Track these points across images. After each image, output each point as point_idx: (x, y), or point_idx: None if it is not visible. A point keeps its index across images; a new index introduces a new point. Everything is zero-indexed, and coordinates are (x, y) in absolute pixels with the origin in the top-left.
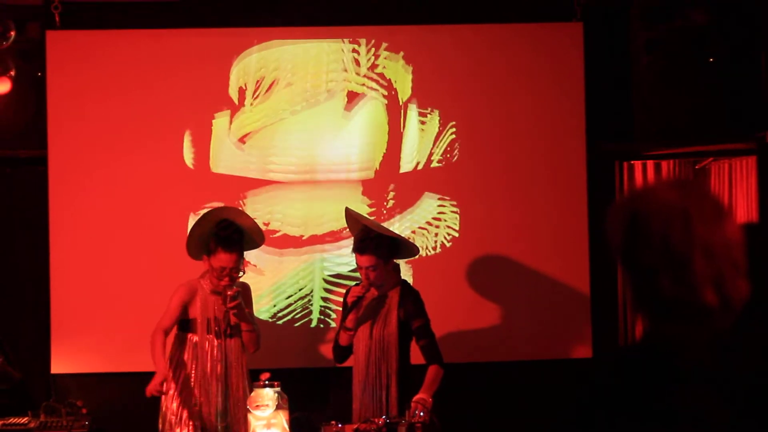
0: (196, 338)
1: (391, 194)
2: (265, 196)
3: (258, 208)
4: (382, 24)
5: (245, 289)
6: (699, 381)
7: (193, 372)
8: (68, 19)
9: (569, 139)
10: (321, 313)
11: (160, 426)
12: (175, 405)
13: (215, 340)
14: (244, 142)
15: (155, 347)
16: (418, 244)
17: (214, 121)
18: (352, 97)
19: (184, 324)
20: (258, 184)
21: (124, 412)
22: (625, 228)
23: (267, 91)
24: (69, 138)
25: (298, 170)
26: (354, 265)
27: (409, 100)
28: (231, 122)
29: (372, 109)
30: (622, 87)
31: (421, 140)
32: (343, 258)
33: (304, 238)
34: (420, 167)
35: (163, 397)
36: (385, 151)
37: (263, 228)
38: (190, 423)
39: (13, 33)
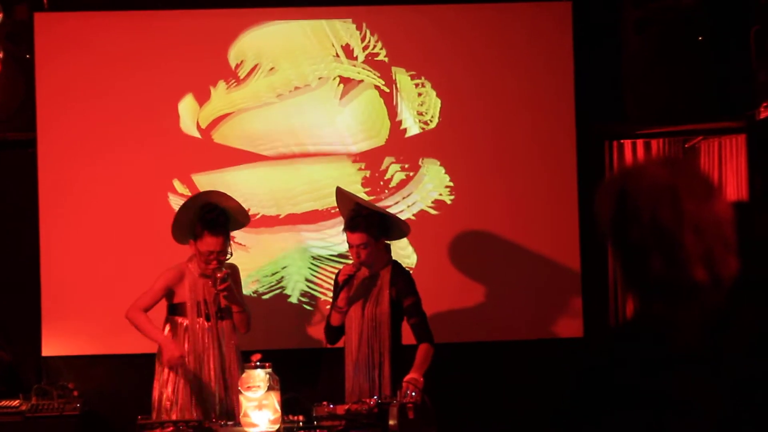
0: (186, 322)
1: (386, 171)
2: (250, 173)
3: (243, 186)
4: (370, 4)
5: (234, 271)
6: (689, 360)
7: (186, 356)
8: (56, 0)
9: (559, 118)
10: (304, 294)
11: (155, 415)
12: (170, 389)
13: (206, 323)
14: (229, 124)
15: (141, 323)
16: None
17: (195, 101)
18: (344, 82)
19: (174, 308)
20: (249, 158)
21: (115, 394)
22: (615, 206)
23: (257, 73)
24: (58, 120)
25: (283, 149)
26: (337, 243)
27: (396, 83)
28: (217, 102)
29: (361, 94)
30: (611, 66)
31: (409, 113)
32: (327, 241)
33: (280, 217)
34: (408, 144)
35: (156, 382)
36: (371, 132)
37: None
38: (186, 407)
39: (0, 15)
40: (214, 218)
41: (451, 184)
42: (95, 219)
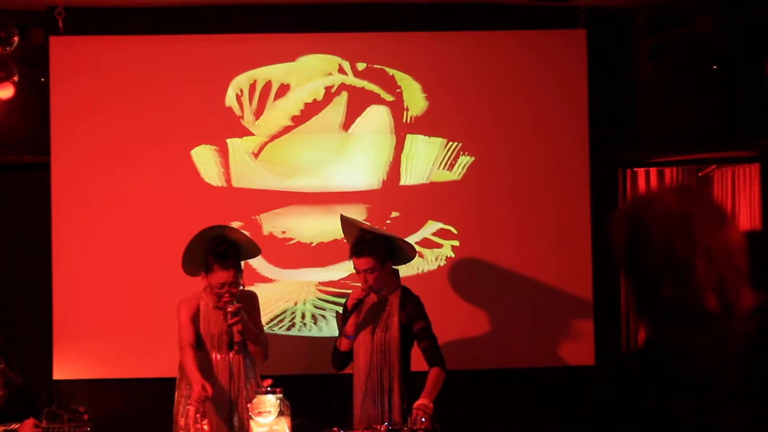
0: (200, 353)
1: (393, 213)
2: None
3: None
4: (385, 31)
5: (252, 298)
6: (701, 387)
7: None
8: (71, 24)
9: (573, 145)
10: (314, 318)
11: None
12: (182, 421)
13: (219, 355)
14: (256, 155)
15: (187, 363)
16: (420, 257)
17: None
18: (353, 108)
19: None
20: (272, 195)
21: (126, 419)
22: (628, 233)
23: (271, 101)
24: (72, 143)
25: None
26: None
27: (411, 109)
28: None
29: (374, 122)
30: (625, 94)
31: (425, 152)
32: (334, 271)
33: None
34: (424, 177)
35: (175, 411)
36: (386, 167)
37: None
38: None
39: (16, 38)
40: (224, 251)
41: (462, 214)
42: (108, 242)
